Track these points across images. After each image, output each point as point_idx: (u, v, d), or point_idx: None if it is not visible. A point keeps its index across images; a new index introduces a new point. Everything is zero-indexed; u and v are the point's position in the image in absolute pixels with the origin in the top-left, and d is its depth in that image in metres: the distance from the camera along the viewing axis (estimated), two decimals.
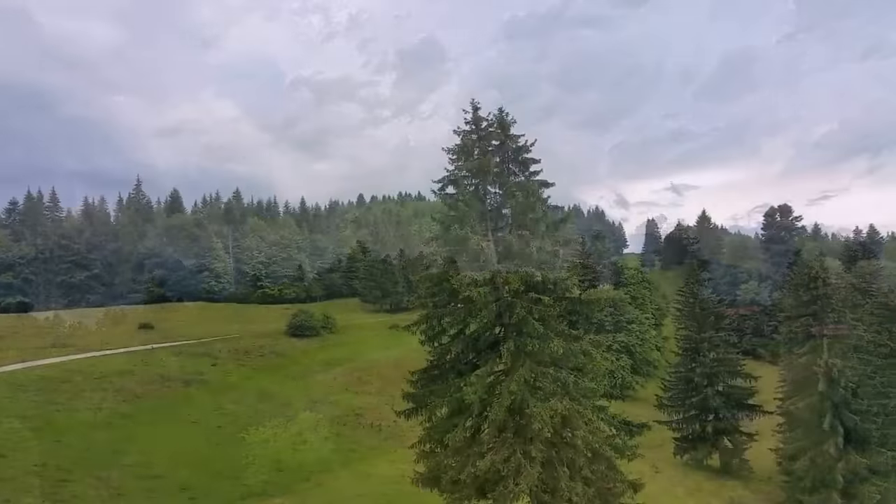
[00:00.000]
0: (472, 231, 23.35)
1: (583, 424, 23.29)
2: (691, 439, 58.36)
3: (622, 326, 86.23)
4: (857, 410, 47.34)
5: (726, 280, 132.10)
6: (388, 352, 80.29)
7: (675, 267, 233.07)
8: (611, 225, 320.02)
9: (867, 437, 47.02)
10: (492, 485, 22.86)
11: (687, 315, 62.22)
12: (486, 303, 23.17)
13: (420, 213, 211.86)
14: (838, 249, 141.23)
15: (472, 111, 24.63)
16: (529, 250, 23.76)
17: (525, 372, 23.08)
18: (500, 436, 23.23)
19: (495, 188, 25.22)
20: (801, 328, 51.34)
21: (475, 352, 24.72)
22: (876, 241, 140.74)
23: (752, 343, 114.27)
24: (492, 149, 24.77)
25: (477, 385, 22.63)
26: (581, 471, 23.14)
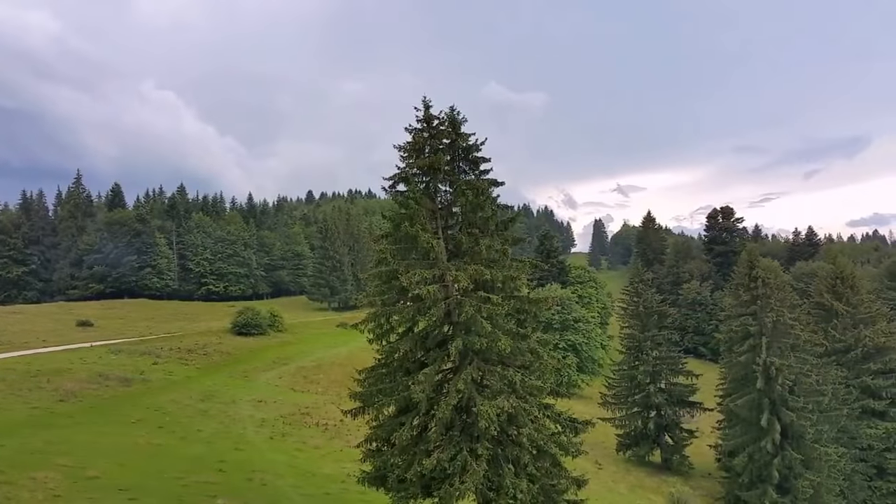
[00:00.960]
0: (423, 229, 23.25)
1: (529, 422, 23.44)
2: (634, 436, 59.56)
3: (569, 325, 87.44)
4: (794, 407, 48.92)
5: (670, 280, 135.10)
6: (336, 350, 79.83)
7: (621, 266, 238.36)
8: (559, 224, 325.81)
9: (802, 434, 48.66)
10: (438, 483, 22.84)
11: (631, 314, 63.43)
12: (435, 301, 23.13)
13: (370, 210, 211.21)
14: (778, 251, 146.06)
15: (424, 109, 24.55)
16: (479, 248, 23.80)
17: (473, 370, 23.13)
18: (447, 434, 23.25)
19: (446, 186, 25.18)
20: (741, 327, 52.82)
21: (424, 350, 24.65)
22: (813, 242, 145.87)
23: (694, 341, 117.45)
24: (443, 147, 24.74)
25: (425, 383, 22.57)
26: (526, 468, 23.31)
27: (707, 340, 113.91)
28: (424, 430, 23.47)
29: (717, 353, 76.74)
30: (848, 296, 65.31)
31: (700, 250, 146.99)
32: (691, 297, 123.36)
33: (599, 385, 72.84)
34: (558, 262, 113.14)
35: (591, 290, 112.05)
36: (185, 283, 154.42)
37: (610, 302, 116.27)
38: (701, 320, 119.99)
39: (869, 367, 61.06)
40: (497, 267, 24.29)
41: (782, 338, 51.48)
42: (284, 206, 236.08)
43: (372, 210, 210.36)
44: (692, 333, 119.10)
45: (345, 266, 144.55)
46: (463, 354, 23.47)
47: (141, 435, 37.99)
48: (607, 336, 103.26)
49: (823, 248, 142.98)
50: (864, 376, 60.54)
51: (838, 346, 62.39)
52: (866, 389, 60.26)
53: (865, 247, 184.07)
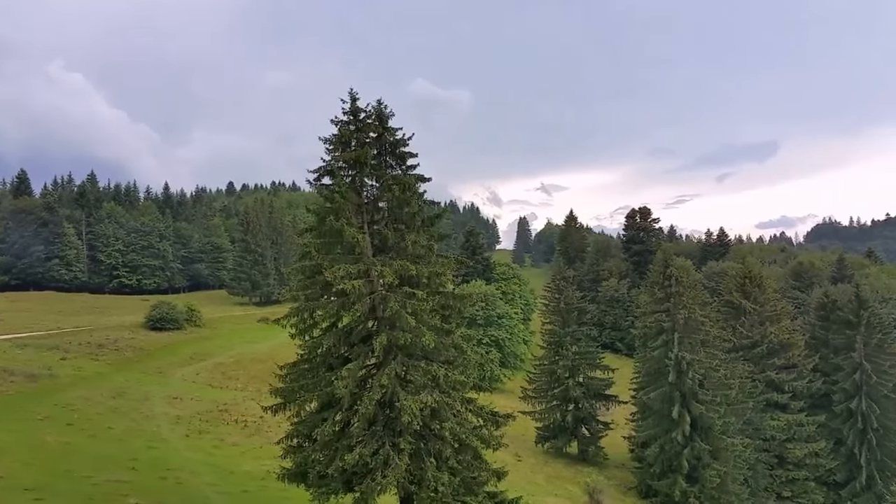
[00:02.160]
0: (348, 223, 23.11)
1: (451, 416, 23.70)
2: (552, 428, 60.93)
3: (493, 321, 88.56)
4: (703, 400, 51.04)
5: (590, 277, 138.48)
6: (256, 346, 78.42)
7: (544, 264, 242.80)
8: (485, 222, 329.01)
9: (711, 425, 50.84)
10: (360, 478, 22.82)
11: (552, 310, 64.78)
12: (360, 296, 23.06)
13: (294, 203, 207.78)
14: (691, 250, 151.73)
15: (351, 101, 24.37)
16: (405, 244, 23.86)
17: (396, 366, 23.21)
18: (370, 429, 23.25)
19: (372, 181, 25.07)
20: (655, 323, 54.75)
21: (347, 345, 24.55)
22: (724, 243, 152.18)
23: (612, 337, 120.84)
24: (369, 140, 24.64)
25: (348, 379, 22.51)
26: (448, 461, 23.56)
27: (623, 336, 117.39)
28: (347, 426, 23.41)
29: (633, 349, 79.42)
30: (755, 294, 68.61)
31: (619, 249, 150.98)
32: (610, 295, 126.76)
33: (521, 379, 74.15)
34: (483, 259, 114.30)
35: (514, 286, 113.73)
36: (95, 276, 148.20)
37: (533, 298, 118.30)
38: (618, 316, 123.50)
39: (773, 363, 64.39)
40: (423, 263, 24.41)
41: (693, 334, 53.61)
42: (203, 198, 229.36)
43: (296, 203, 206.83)
44: (610, 329, 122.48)
45: (267, 260, 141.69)
46: (387, 350, 23.50)
47: (48, 433, 36.41)
48: (529, 332, 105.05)
49: (733, 248, 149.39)
50: (769, 371, 63.79)
51: (745, 342, 65.51)
52: (770, 383, 63.52)
53: (773, 248, 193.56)
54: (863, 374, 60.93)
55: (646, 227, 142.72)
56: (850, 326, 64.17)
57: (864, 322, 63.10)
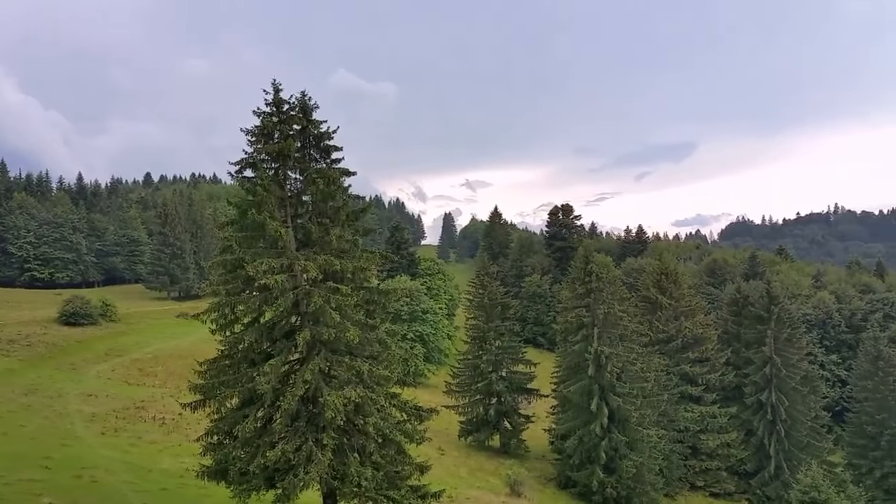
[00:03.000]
0: (271, 217, 22.77)
1: (375, 411, 23.76)
2: (475, 422, 61.62)
3: (417, 316, 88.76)
4: (621, 393, 52.61)
5: (513, 273, 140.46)
6: (175, 342, 76.35)
7: (469, 259, 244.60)
8: (410, 217, 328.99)
9: (628, 417, 52.45)
10: (282, 474, 22.64)
11: (477, 305, 65.42)
12: (283, 291, 22.81)
13: (215, 196, 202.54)
14: (611, 247, 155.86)
15: (274, 92, 23.98)
16: (329, 238, 23.70)
17: (320, 361, 23.09)
18: (293, 425, 23.06)
19: (296, 174, 24.76)
20: (576, 318, 56.01)
21: (270, 341, 24.24)
22: (643, 240, 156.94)
23: (534, 332, 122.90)
24: (293, 133, 24.33)
25: (270, 374, 22.25)
26: (371, 456, 23.60)
27: (545, 331, 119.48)
28: (269, 422, 23.14)
29: (554, 343, 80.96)
30: (671, 290, 71.18)
31: (542, 245, 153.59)
32: (532, 290, 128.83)
33: (445, 374, 74.65)
34: (408, 254, 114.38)
35: (439, 281, 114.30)
36: (5, 269, 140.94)
37: (457, 294, 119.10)
38: (540, 312, 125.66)
39: (687, 356, 67.00)
40: (347, 257, 24.32)
41: (612, 328, 55.16)
42: (119, 189, 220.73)
43: (217, 196, 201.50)
44: (532, 324, 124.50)
45: (186, 254, 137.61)
46: (311, 345, 23.34)
47: None
48: (454, 327, 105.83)
49: (651, 245, 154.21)
50: (683, 364, 66.35)
51: (661, 336, 67.91)
52: (684, 376, 66.08)
53: (688, 245, 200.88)
54: (772, 367, 63.78)
55: (568, 223, 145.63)
56: (761, 321, 67.03)
57: (775, 317, 65.93)
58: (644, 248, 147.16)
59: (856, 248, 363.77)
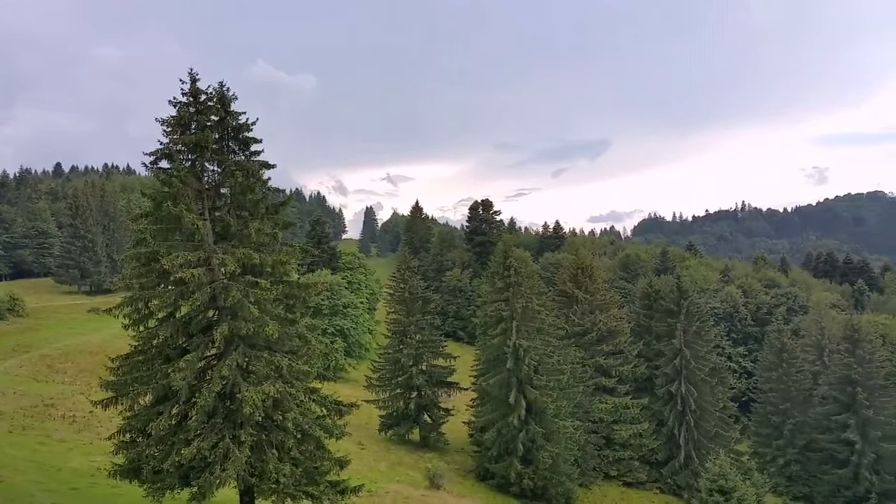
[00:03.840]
0: (187, 209, 22.18)
1: (294, 407, 23.56)
2: (395, 416, 61.66)
3: (338, 310, 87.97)
4: (538, 385, 53.65)
5: (434, 267, 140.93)
6: (86, 337, 73.32)
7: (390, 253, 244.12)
8: (331, 211, 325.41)
9: (545, 409, 53.57)
10: (197, 472, 22.19)
11: (398, 300, 65.38)
12: (199, 285, 22.29)
13: (129, 187, 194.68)
14: (529, 242, 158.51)
15: (191, 82, 23.33)
16: (248, 232, 23.30)
17: (238, 356, 22.71)
18: (209, 422, 22.64)
19: (214, 166, 24.23)
20: (495, 312, 56.72)
21: (186, 336, 23.64)
22: (560, 235, 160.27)
23: (454, 326, 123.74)
24: (211, 124, 23.74)
25: (186, 371, 21.74)
26: (290, 452, 23.42)
27: (465, 325, 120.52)
28: (184, 419, 22.67)
29: (474, 337, 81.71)
30: (587, 285, 73.06)
31: (462, 240, 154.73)
32: (453, 284, 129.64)
33: (365, 368, 74.31)
34: (329, 248, 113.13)
35: (360, 276, 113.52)
36: None
37: (378, 288, 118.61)
38: (461, 306, 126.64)
39: (602, 349, 68.96)
40: (267, 251, 24.02)
41: (530, 322, 56.18)
42: (28, 179, 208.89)
43: (131, 187, 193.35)
44: (452, 318, 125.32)
45: (98, 246, 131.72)
46: (228, 340, 22.92)
47: None
48: (375, 321, 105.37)
49: (568, 240, 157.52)
50: (598, 356, 68.24)
51: (577, 330, 69.63)
52: (599, 368, 67.99)
53: (603, 240, 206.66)
54: (682, 359, 66.35)
55: (488, 218, 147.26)
56: (672, 315, 69.65)
57: (684, 311, 68.63)
58: (561, 244, 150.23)
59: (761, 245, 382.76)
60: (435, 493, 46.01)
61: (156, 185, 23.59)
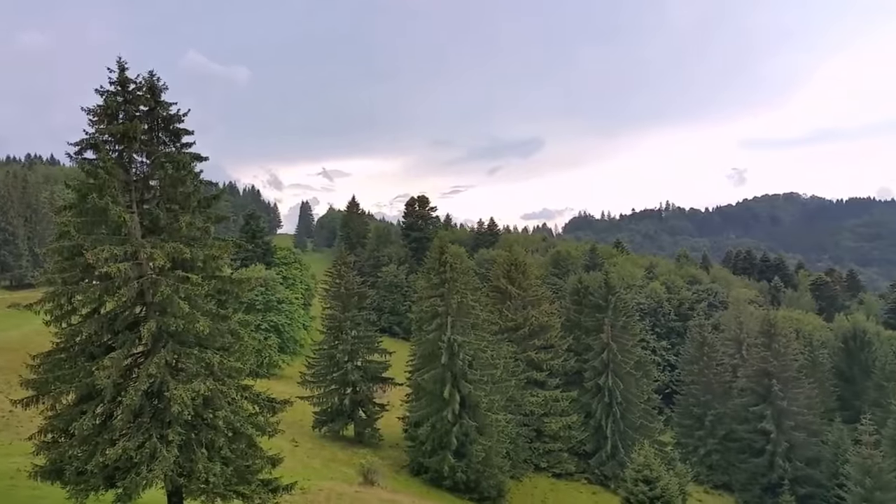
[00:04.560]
0: (114, 201, 21.60)
1: (226, 404, 23.25)
2: (330, 412, 61.33)
3: (272, 306, 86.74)
4: (472, 380, 54.22)
5: (370, 263, 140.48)
6: (6, 334, 70.26)
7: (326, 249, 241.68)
8: (266, 205, 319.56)
9: (478, 403, 54.21)
10: (123, 473, 21.69)
11: (333, 295, 64.97)
12: (126, 280, 21.76)
13: (52, 178, 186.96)
14: (465, 238, 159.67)
15: (119, 71, 22.72)
16: (178, 225, 22.86)
17: (167, 353, 22.29)
18: (136, 421, 22.13)
19: (142, 157, 23.65)
20: (431, 308, 57.06)
21: (111, 333, 23.05)
22: (494, 232, 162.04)
23: (390, 321, 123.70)
24: (140, 114, 23.21)
25: (111, 368, 21.20)
26: (221, 451, 23.09)
27: (401, 320, 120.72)
28: (109, 419, 22.08)
29: (410, 332, 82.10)
30: (520, 280, 74.18)
31: (398, 236, 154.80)
32: (389, 280, 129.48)
33: (300, 365, 73.51)
34: (264, 243, 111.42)
35: (295, 271, 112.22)
36: None
37: (314, 283, 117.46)
38: (396, 301, 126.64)
39: (534, 343, 70.17)
40: (198, 245, 23.59)
41: (465, 317, 56.69)
42: None
43: (55, 178, 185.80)
44: (388, 314, 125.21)
45: (19, 239, 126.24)
46: (157, 337, 22.48)
47: None
48: (310, 317, 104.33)
49: (502, 237, 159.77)
50: (530, 351, 69.41)
51: (510, 325, 70.63)
52: (531, 362, 69.16)
53: (536, 237, 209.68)
54: (609, 353, 68.12)
55: (424, 215, 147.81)
56: (600, 310, 71.50)
57: (612, 306, 70.63)
58: (496, 240, 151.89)
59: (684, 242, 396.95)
60: (368, 490, 45.98)
61: (81, 176, 22.85)
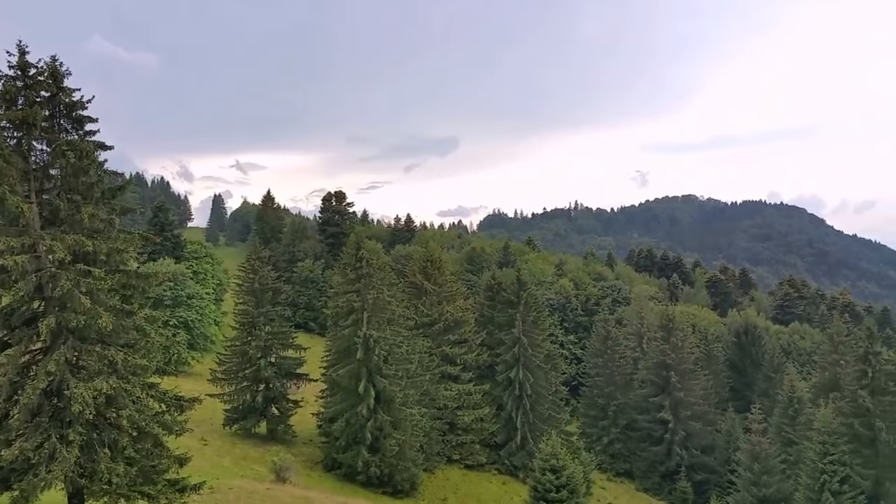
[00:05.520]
0: (12, 191, 20.73)
1: (130, 403, 22.72)
2: (242, 410, 60.27)
3: (182, 301, 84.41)
4: (387, 375, 54.53)
5: (286, 258, 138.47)
6: None
7: (239, 243, 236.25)
8: (176, 197, 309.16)
9: (393, 398, 54.56)
10: (19, 474, 20.91)
11: (247, 290, 63.80)
12: (23, 273, 20.92)
13: None
14: (381, 234, 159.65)
15: (19, 55, 21.82)
16: (80, 217, 22.11)
17: (67, 350, 21.57)
18: (34, 420, 21.33)
19: (43, 145, 22.78)
20: (347, 303, 57.01)
21: (7, 329, 22.11)
22: (410, 228, 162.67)
23: (305, 317, 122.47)
24: (41, 100, 22.36)
25: (7, 366, 20.45)
26: (124, 451, 22.59)
27: (317, 316, 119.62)
28: (5, 418, 21.24)
29: (325, 328, 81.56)
30: (435, 276, 74.92)
31: (315, 231, 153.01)
32: (304, 275, 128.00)
33: (211, 361, 71.90)
34: (173, 237, 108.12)
35: (207, 265, 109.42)
36: None
37: (226, 278, 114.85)
38: (312, 297, 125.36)
39: (448, 338, 71.05)
40: (102, 238, 22.91)
41: (381, 313, 56.86)
42: None
43: None
44: (304, 309, 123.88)
45: None
46: (56, 333, 21.73)
47: None
48: (222, 312, 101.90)
49: (418, 233, 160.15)
50: (444, 346, 70.25)
51: (425, 320, 71.21)
52: (445, 357, 70.01)
53: (451, 234, 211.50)
54: (520, 347, 69.83)
55: (341, 210, 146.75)
56: (512, 305, 73.02)
57: (523, 302, 72.25)
58: (412, 236, 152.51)
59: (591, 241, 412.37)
60: (281, 487, 45.61)
61: None
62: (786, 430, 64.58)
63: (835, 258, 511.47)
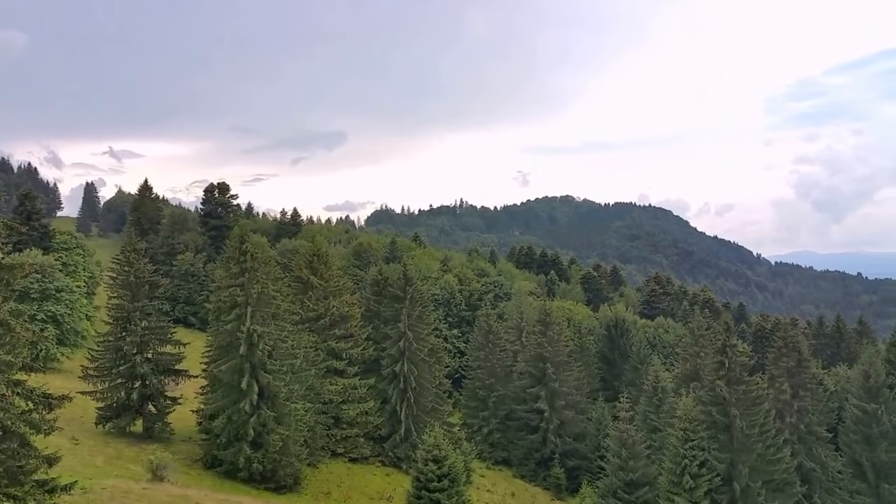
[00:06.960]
0: None
1: None
2: (116, 408, 58.16)
3: (50, 295, 79.81)
4: (271, 370, 54.23)
5: (164, 250, 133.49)
6: None
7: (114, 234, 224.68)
8: (44, 185, 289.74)
9: (277, 393, 54.38)
10: None
11: (121, 284, 61.39)
12: None
13: None
14: (267, 228, 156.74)
15: None
16: None
17: None
18: None
19: None
20: (230, 297, 56.11)
21: None
22: (297, 222, 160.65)
23: (185, 311, 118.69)
24: None
25: None
26: None
27: (197, 310, 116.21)
28: None
29: (207, 322, 79.65)
30: (322, 271, 74.87)
31: (196, 223, 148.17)
32: (185, 269, 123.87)
33: (82, 358, 68.58)
34: (41, 226, 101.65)
35: (78, 257, 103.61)
36: None
37: (99, 271, 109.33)
38: (193, 291, 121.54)
39: (334, 333, 71.25)
40: None
41: (266, 307, 56.34)
42: None
43: None
44: (184, 304, 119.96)
45: None
46: None
47: None
48: (94, 306, 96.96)
49: (305, 227, 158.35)
50: (330, 341, 70.41)
51: (311, 315, 71.07)
52: (331, 352, 70.18)
53: (339, 229, 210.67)
54: (406, 341, 70.80)
55: (224, 202, 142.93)
56: (398, 300, 73.94)
57: (409, 297, 73.35)
58: (299, 230, 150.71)
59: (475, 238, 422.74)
60: (157, 486, 44.55)
61: None
62: (651, 418, 69.40)
63: (697, 257, 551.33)
